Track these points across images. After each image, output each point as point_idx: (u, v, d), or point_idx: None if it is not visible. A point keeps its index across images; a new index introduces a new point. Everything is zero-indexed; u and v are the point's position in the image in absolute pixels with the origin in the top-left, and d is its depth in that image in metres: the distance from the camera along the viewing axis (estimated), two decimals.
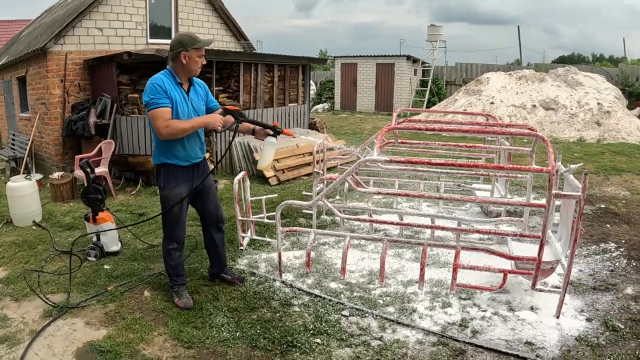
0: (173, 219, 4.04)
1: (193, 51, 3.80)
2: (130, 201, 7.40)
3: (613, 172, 9.65)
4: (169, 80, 3.83)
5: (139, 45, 10.55)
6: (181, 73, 3.88)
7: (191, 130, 3.82)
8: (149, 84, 3.76)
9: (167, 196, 3.98)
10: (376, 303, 4.19)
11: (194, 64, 3.86)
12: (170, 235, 4.10)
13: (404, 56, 22.85)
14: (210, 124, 3.86)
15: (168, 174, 3.98)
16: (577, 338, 3.71)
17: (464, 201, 4.38)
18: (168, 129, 3.70)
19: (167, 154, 3.94)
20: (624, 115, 15.32)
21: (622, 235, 6.03)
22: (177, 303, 4.12)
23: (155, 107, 3.70)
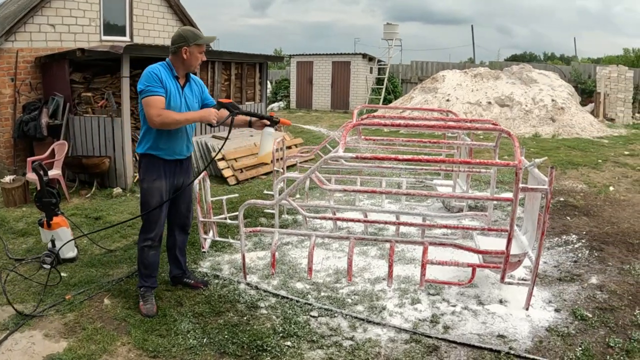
0: (153, 214, 3.93)
1: (194, 47, 3.77)
2: (85, 204, 7.16)
3: (569, 166, 9.88)
4: (166, 71, 3.78)
5: (92, 42, 10.24)
6: (179, 67, 3.84)
7: (184, 122, 3.77)
8: (145, 71, 3.70)
9: (147, 188, 3.91)
10: (344, 302, 4.14)
11: (194, 59, 3.83)
12: (146, 230, 3.98)
13: (359, 54, 22.93)
14: (204, 117, 3.79)
15: (149, 165, 3.89)
16: (547, 328, 3.75)
17: (431, 197, 4.36)
18: (160, 118, 3.62)
19: (151, 144, 3.85)
20: (577, 111, 15.74)
21: (582, 227, 6.15)
22: (140, 307, 3.98)
23: (149, 94, 3.63)
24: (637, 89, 19.59)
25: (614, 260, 5.10)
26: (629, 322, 3.86)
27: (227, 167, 8.59)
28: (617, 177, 9.05)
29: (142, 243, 3.99)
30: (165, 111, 3.65)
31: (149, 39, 11.58)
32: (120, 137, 7.72)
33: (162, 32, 11.82)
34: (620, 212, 6.84)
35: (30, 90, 9.15)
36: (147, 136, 3.86)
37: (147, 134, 3.85)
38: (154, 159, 3.87)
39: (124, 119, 7.70)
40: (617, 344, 3.53)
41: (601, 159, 10.69)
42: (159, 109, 3.62)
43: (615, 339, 3.58)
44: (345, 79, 22.94)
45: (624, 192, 7.97)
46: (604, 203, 7.27)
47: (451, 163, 5.25)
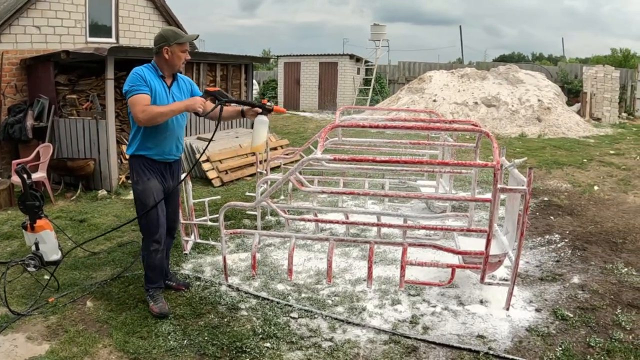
0: (152, 215, 3.86)
1: (175, 46, 3.73)
2: (70, 207, 7.12)
3: (554, 165, 9.95)
4: (150, 72, 3.76)
5: (77, 44, 10.17)
6: (164, 67, 3.81)
7: (170, 114, 3.68)
8: (130, 74, 3.68)
9: (143, 190, 3.84)
10: (325, 303, 4.14)
11: (177, 58, 3.78)
12: (150, 233, 3.90)
13: (347, 55, 22.96)
14: (190, 106, 3.71)
15: (139, 166, 3.85)
16: (528, 328, 3.77)
17: (411, 198, 4.37)
18: (145, 113, 3.56)
19: (140, 145, 3.82)
20: (563, 111, 15.86)
21: (565, 227, 6.19)
22: (151, 308, 3.91)
23: (133, 93, 3.60)
24: (623, 88, 19.76)
25: (596, 260, 5.14)
26: (610, 321, 3.88)
27: (211, 169, 8.57)
28: (602, 176, 9.13)
29: (150, 247, 3.91)
30: (151, 107, 3.61)
31: (135, 41, 11.53)
32: (105, 140, 7.69)
33: (148, 33, 11.77)
34: (604, 211, 6.90)
35: (16, 92, 9.09)
36: (136, 137, 3.83)
37: (136, 135, 3.83)
38: (143, 160, 3.84)
39: (109, 121, 7.67)
40: (598, 343, 3.55)
41: (586, 158, 10.77)
42: (143, 106, 3.58)
43: (596, 339, 3.60)
44: (332, 80, 22.96)
45: (608, 191, 8.04)
46: (588, 202, 7.33)
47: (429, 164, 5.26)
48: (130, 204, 7.19)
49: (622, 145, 12.84)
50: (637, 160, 10.73)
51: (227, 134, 10.21)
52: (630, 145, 12.96)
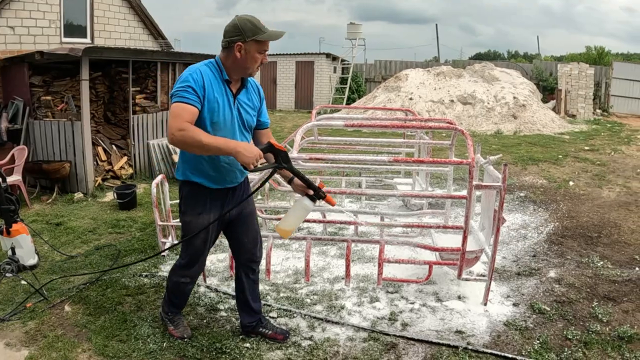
0: (194, 250, 3.27)
1: (253, 43, 2.87)
2: (46, 210, 7.03)
3: (530, 161, 10.07)
4: (212, 73, 2.92)
5: (52, 44, 10.05)
6: (231, 68, 2.95)
7: (213, 151, 2.77)
8: (185, 72, 2.89)
9: (189, 223, 3.18)
10: (303, 302, 4.15)
11: (251, 60, 2.91)
12: (186, 266, 3.36)
13: (323, 54, 23.01)
14: (241, 155, 2.72)
15: (193, 197, 3.13)
16: (506, 323, 3.83)
17: (387, 195, 4.40)
18: (182, 133, 2.69)
19: (194, 169, 3.06)
20: (538, 108, 16.06)
21: (541, 221, 6.28)
22: (171, 332, 3.56)
23: (178, 100, 2.77)
24: (597, 85, 20.07)
25: (572, 254, 5.23)
26: (587, 314, 3.96)
27: None
28: (577, 172, 9.26)
29: (180, 278, 3.41)
30: (194, 128, 2.72)
31: (110, 41, 11.43)
32: (80, 141, 7.60)
33: (123, 33, 11.67)
34: (580, 206, 7.00)
35: None
36: (189, 158, 3.06)
37: (189, 155, 3.03)
38: (199, 188, 3.09)
39: (84, 122, 7.59)
40: (575, 336, 3.62)
41: (562, 154, 10.93)
42: (184, 122, 2.70)
43: (573, 331, 3.67)
44: (309, 79, 22.99)
45: (583, 186, 8.16)
46: (563, 198, 7.43)
47: (405, 162, 5.30)
48: (107, 206, 7.13)
49: (597, 141, 13.04)
50: (611, 156, 10.92)
51: None
52: (604, 141, 13.17)
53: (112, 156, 8.55)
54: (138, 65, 9.43)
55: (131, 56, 8.74)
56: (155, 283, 4.47)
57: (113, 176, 8.44)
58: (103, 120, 9.36)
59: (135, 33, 12.20)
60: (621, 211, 6.76)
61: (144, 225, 6.19)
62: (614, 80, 19.97)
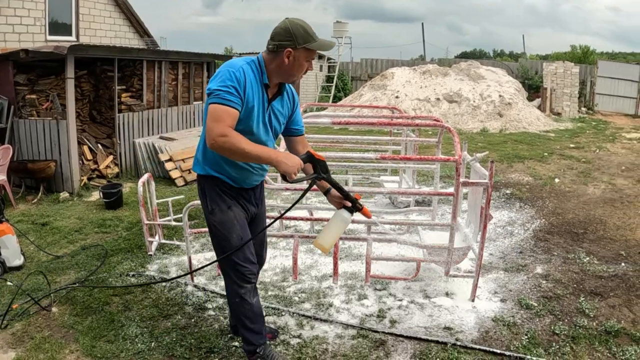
0: (240, 250, 2.95)
1: (302, 51, 2.73)
2: (31, 210, 6.96)
3: (516, 159, 10.15)
4: (253, 74, 2.73)
5: (37, 42, 9.95)
6: (274, 73, 2.78)
7: (253, 159, 2.64)
8: (225, 68, 2.65)
9: (220, 221, 2.92)
10: (292, 300, 4.14)
11: (298, 68, 2.78)
12: (240, 274, 2.97)
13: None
14: (282, 165, 2.57)
15: (216, 190, 2.93)
16: (494, 319, 3.85)
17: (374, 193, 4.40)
18: (224, 140, 2.51)
19: (216, 165, 2.88)
20: (524, 106, 16.18)
21: (527, 218, 6.33)
22: None
23: (219, 101, 2.56)
24: (583, 84, 20.25)
25: (559, 250, 5.28)
26: (574, 309, 4.00)
27: (174, 169, 8.48)
28: (562, 169, 9.35)
29: (239, 290, 2.99)
30: (235, 134, 2.55)
31: (95, 39, 11.35)
32: (65, 140, 7.53)
33: (108, 31, 11.61)
34: (565, 203, 7.07)
35: None
36: (210, 153, 2.84)
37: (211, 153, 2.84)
38: (221, 183, 2.92)
39: (70, 121, 7.52)
40: (563, 330, 3.66)
41: (547, 152, 11.02)
42: (226, 127, 2.53)
43: (561, 326, 3.71)
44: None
45: (569, 183, 8.24)
46: (549, 195, 7.50)
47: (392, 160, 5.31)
48: (93, 205, 7.07)
49: (582, 139, 13.17)
50: (596, 154, 11.03)
51: (190, 132, 10.12)
52: (589, 138, 13.31)
53: (97, 155, 8.48)
54: (124, 64, 9.37)
55: (117, 54, 8.68)
56: (143, 282, 4.44)
57: (99, 175, 8.38)
58: (88, 119, 9.29)
59: (120, 31, 12.12)
60: (606, 208, 6.83)
61: (130, 224, 6.15)
62: (599, 79, 20.16)
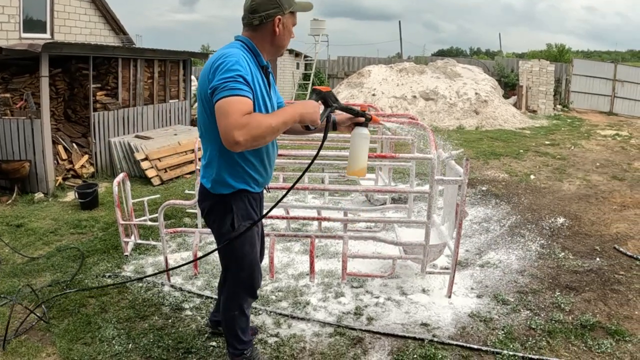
0: (248, 265, 2.82)
1: (289, 16, 2.54)
2: (6, 211, 6.85)
3: (492, 156, 10.25)
4: (249, 58, 2.47)
5: (10, 40, 9.77)
6: (266, 49, 2.57)
7: (283, 129, 2.32)
8: (224, 58, 2.33)
9: (246, 237, 2.72)
10: (268, 299, 4.15)
11: (288, 36, 2.59)
12: (251, 289, 2.93)
13: (286, 50, 22.93)
14: (306, 116, 2.37)
15: (246, 205, 2.70)
16: (470, 314, 3.90)
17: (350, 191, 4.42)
18: (247, 129, 2.16)
19: (241, 175, 2.61)
20: (500, 103, 16.34)
21: (503, 215, 6.40)
22: None
23: (228, 93, 2.22)
24: (558, 82, 20.50)
25: (534, 246, 5.36)
26: (550, 304, 4.07)
27: (150, 167, 8.40)
28: (538, 166, 9.47)
29: (242, 305, 2.95)
30: (254, 117, 2.21)
31: (70, 36, 11.19)
32: (40, 140, 7.43)
33: (84, 28, 11.45)
34: (541, 199, 7.17)
35: None
36: (231, 163, 2.58)
37: (230, 160, 2.57)
38: (246, 195, 2.69)
39: (44, 120, 7.42)
40: (539, 325, 3.72)
41: (523, 149, 11.16)
42: (241, 117, 2.17)
43: (537, 321, 3.77)
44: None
45: (544, 180, 8.35)
46: (525, 191, 7.59)
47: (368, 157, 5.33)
48: (68, 206, 6.98)
49: (557, 136, 13.35)
50: (571, 150, 11.19)
51: (166, 131, 10.04)
52: (564, 136, 13.50)
53: (72, 155, 8.38)
54: (99, 62, 9.26)
55: (92, 52, 8.58)
56: (118, 284, 4.40)
57: (74, 175, 8.27)
58: (63, 118, 9.18)
59: (96, 28, 11.98)
60: (581, 203, 6.94)
61: (106, 224, 6.09)
62: (574, 77, 20.42)
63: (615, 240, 5.54)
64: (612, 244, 5.44)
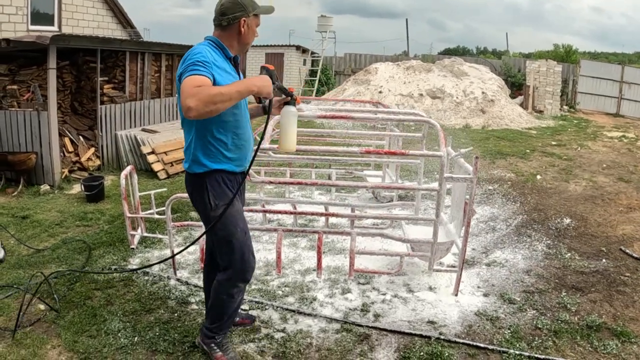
0: (237, 246, 2.95)
1: (253, 18, 2.88)
2: (11, 203, 6.86)
3: (498, 155, 10.22)
4: (216, 52, 2.81)
5: (18, 32, 9.81)
6: (233, 45, 2.90)
7: (236, 97, 2.56)
8: (190, 53, 2.68)
9: (227, 215, 2.85)
10: (275, 294, 4.14)
11: (252, 35, 2.92)
12: (241, 271, 3.00)
13: (293, 46, 22.94)
14: (261, 88, 2.67)
15: (220, 184, 2.88)
16: (477, 313, 3.89)
17: (358, 187, 4.40)
18: (198, 96, 2.43)
19: (215, 155, 2.84)
20: (506, 103, 16.29)
21: (509, 214, 6.38)
22: (218, 358, 3.17)
23: (189, 74, 2.54)
24: (565, 82, 20.44)
25: (541, 246, 5.34)
26: (556, 304, 4.06)
27: (157, 161, 8.41)
28: (544, 166, 9.43)
29: (232, 289, 3.03)
30: (205, 87, 2.49)
31: (78, 29, 11.21)
32: (47, 132, 7.44)
33: (91, 21, 11.47)
34: (547, 199, 7.14)
35: None
36: (206, 144, 2.83)
37: (205, 140, 2.82)
38: (224, 174, 2.89)
39: (51, 112, 7.42)
40: (545, 325, 3.71)
41: (529, 149, 11.12)
42: (195, 87, 2.47)
43: (543, 321, 3.76)
44: (278, 71, 22.82)
45: (550, 180, 8.32)
46: (531, 191, 7.57)
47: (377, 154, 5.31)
48: (74, 199, 6.99)
49: (564, 137, 13.31)
50: (577, 151, 11.15)
51: (172, 125, 10.05)
52: (571, 136, 13.45)
53: (79, 147, 8.38)
54: (106, 55, 9.26)
55: (99, 45, 8.58)
56: (125, 277, 4.39)
57: (80, 168, 8.28)
58: (70, 110, 9.17)
59: (103, 22, 12.00)
60: (587, 204, 6.91)
61: (112, 217, 6.09)
62: (581, 78, 20.36)
63: (621, 242, 5.52)
64: (618, 245, 5.42)
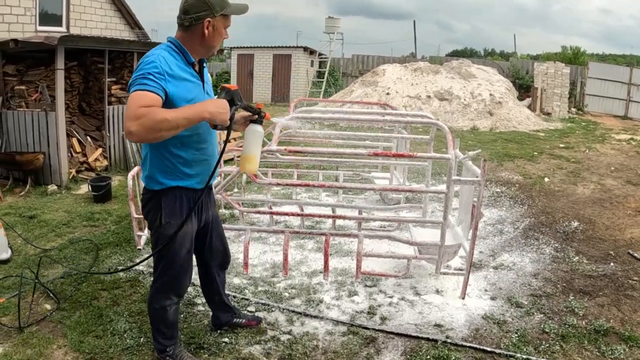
0: (177, 265, 2.85)
1: (220, 19, 2.60)
2: (19, 203, 6.89)
3: (506, 158, 10.18)
4: (174, 57, 2.57)
5: (27, 33, 9.84)
6: (196, 49, 2.64)
7: (184, 125, 2.35)
8: (143, 59, 2.49)
9: (176, 234, 2.71)
10: (282, 296, 4.13)
11: (218, 38, 2.65)
12: (171, 287, 2.92)
13: (300, 47, 22.94)
14: (215, 115, 2.40)
15: (176, 202, 2.72)
16: (484, 316, 3.86)
17: (365, 189, 4.39)
18: (141, 121, 2.23)
19: (171, 173, 2.67)
20: (514, 105, 16.24)
21: (517, 217, 6.35)
22: None
23: (136, 88, 2.35)
24: (573, 84, 20.36)
25: (548, 249, 5.31)
26: (564, 308, 4.03)
27: None
28: (552, 168, 9.39)
29: (164, 302, 2.93)
30: (149, 109, 2.27)
31: (86, 30, 11.24)
32: (55, 132, 7.46)
33: (99, 22, 11.49)
34: (555, 202, 7.10)
35: None
36: (162, 159, 2.65)
37: (160, 156, 2.65)
38: (181, 192, 2.72)
39: (59, 113, 7.45)
40: (553, 329, 3.68)
41: (537, 151, 11.07)
42: (140, 108, 2.26)
43: (551, 325, 3.73)
44: (286, 72, 22.95)
45: (558, 183, 8.28)
46: (539, 194, 7.53)
47: (385, 156, 5.29)
48: (81, 198, 7.01)
49: (572, 139, 13.24)
50: (586, 154, 11.10)
51: None
52: (579, 139, 13.39)
53: (86, 147, 8.41)
54: (114, 55, 9.28)
55: (107, 46, 8.60)
56: (131, 277, 4.40)
57: (87, 168, 8.30)
58: (78, 111, 9.20)
59: (111, 22, 12.02)
60: (595, 208, 6.87)
61: (119, 218, 6.10)
62: (590, 80, 20.28)
63: (629, 246, 5.48)
64: (626, 249, 5.38)
